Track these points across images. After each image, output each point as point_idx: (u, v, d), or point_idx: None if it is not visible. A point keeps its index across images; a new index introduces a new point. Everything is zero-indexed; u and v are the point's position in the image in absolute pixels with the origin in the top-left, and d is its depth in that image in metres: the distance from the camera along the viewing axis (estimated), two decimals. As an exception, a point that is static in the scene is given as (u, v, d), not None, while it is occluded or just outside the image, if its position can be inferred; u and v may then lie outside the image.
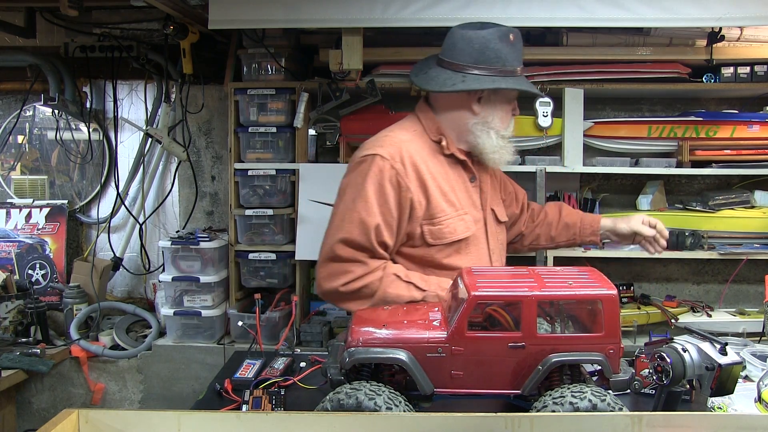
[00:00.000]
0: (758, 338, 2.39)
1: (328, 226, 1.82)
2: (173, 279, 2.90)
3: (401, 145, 1.81)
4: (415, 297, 1.72)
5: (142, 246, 3.31)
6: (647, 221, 2.07)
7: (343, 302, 1.78)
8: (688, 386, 1.35)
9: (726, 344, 1.29)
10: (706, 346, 1.29)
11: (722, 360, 1.26)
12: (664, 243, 2.07)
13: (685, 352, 1.29)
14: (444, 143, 1.88)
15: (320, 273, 1.79)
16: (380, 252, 1.76)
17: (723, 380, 1.26)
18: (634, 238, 2.09)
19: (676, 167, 2.87)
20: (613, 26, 2.63)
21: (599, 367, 1.25)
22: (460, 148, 1.91)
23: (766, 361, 1.87)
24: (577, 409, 1.12)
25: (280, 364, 1.81)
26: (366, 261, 1.75)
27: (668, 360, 1.29)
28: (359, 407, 1.15)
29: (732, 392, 1.31)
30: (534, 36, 2.91)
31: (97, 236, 3.36)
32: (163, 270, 2.97)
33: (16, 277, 3.14)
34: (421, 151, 1.84)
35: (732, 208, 2.91)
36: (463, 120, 1.88)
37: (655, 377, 1.33)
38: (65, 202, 3.36)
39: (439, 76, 1.85)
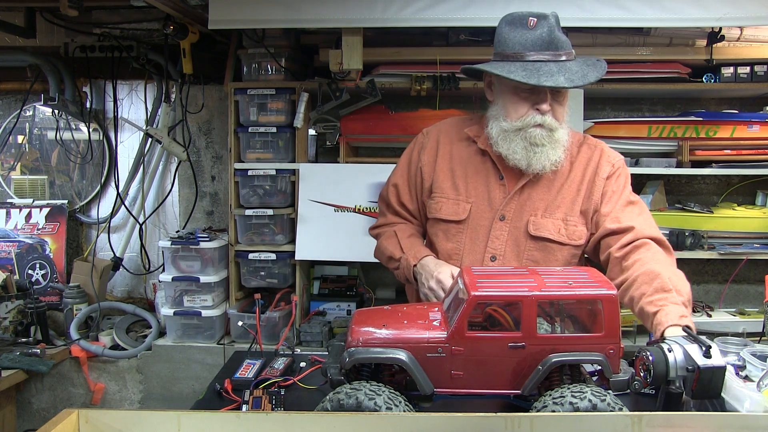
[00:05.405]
0: (758, 338, 2.39)
1: None
2: (173, 279, 2.90)
3: None
4: (394, 254, 1.84)
5: (142, 246, 3.31)
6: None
7: None
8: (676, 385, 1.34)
9: (710, 347, 1.26)
10: (692, 348, 1.28)
11: (702, 362, 1.24)
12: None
13: (670, 352, 1.28)
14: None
15: None
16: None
17: (704, 383, 1.24)
18: None
19: (676, 167, 2.87)
20: (613, 26, 2.63)
21: (599, 367, 1.25)
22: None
23: (766, 361, 1.86)
24: (577, 409, 1.12)
25: (280, 364, 1.80)
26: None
27: (651, 358, 1.28)
28: (359, 407, 1.15)
29: (718, 396, 1.29)
30: (534, 36, 2.90)
31: (97, 236, 3.36)
32: (163, 270, 2.97)
33: (16, 277, 3.14)
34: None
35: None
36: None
37: (642, 374, 1.32)
38: (65, 202, 3.36)
39: None
